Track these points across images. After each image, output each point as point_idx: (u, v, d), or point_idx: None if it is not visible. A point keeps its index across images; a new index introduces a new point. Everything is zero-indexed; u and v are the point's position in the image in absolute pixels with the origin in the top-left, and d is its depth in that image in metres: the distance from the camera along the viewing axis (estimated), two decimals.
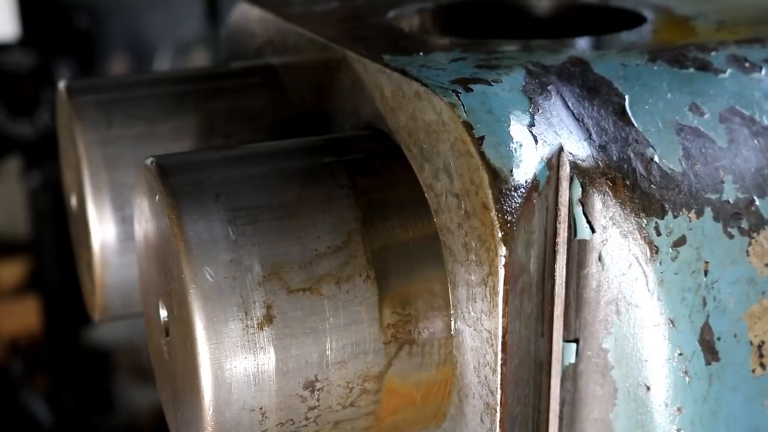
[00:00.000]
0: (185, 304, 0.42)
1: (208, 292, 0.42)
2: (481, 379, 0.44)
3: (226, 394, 0.42)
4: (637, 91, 0.48)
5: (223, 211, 0.43)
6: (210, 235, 0.43)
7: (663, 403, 0.45)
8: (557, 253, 0.45)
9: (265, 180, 0.46)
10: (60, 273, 2.36)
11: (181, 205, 0.43)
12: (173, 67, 2.34)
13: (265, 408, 0.43)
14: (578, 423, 0.47)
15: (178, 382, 0.46)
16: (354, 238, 0.44)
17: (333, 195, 0.45)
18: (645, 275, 0.44)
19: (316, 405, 0.44)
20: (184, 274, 0.42)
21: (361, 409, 0.45)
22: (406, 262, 0.45)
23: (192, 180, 0.45)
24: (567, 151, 0.45)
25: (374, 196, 0.46)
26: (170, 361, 0.47)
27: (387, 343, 0.44)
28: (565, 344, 0.46)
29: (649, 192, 0.45)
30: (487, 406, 0.44)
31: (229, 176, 0.46)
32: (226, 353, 0.42)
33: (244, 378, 0.42)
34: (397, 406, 0.46)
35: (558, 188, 0.45)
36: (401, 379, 0.45)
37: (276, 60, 0.65)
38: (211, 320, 0.42)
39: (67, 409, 2.48)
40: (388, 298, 0.44)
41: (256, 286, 0.42)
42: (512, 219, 0.42)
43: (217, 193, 0.44)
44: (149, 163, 0.46)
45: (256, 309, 0.42)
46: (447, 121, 0.44)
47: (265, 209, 0.44)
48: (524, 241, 0.43)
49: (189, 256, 0.42)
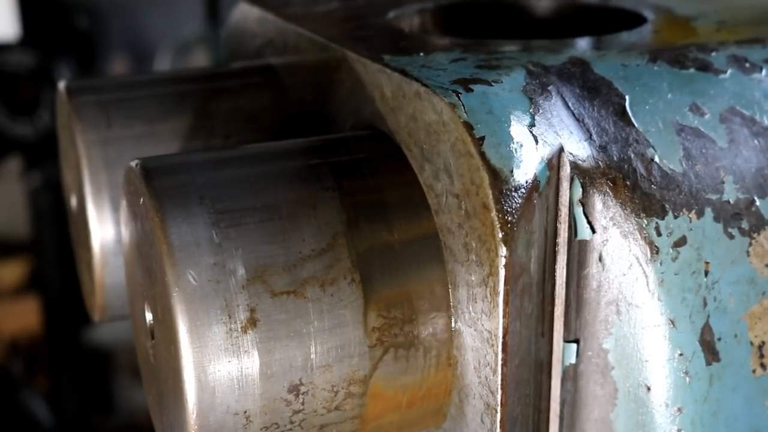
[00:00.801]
0: (168, 307, 0.42)
1: (191, 295, 0.41)
2: (482, 379, 0.44)
3: (209, 397, 0.42)
4: (637, 91, 0.48)
5: (207, 214, 0.43)
6: (193, 237, 0.42)
7: (663, 403, 0.45)
8: (558, 253, 0.45)
9: (249, 182, 0.45)
10: (60, 273, 2.36)
11: (164, 208, 0.43)
12: (173, 67, 2.34)
13: (250, 412, 0.43)
14: (578, 423, 0.47)
15: (162, 385, 0.46)
16: (339, 240, 0.44)
17: (318, 197, 0.45)
18: (645, 275, 0.44)
19: (300, 409, 0.44)
20: (167, 277, 0.42)
21: (346, 412, 0.45)
22: (392, 265, 0.45)
23: (176, 182, 0.45)
24: (567, 152, 0.45)
25: (361, 198, 0.46)
26: (155, 364, 0.47)
27: (372, 347, 0.44)
28: (565, 344, 0.46)
29: (649, 192, 0.45)
30: (488, 406, 0.44)
31: (213, 178, 0.45)
32: (209, 357, 0.42)
33: (227, 382, 0.42)
34: (383, 410, 0.46)
35: (558, 188, 0.45)
36: (387, 383, 0.45)
37: (276, 60, 0.65)
38: (195, 323, 0.41)
39: (67, 409, 2.48)
40: (374, 301, 0.44)
41: (239, 289, 0.42)
42: (512, 219, 0.42)
43: (201, 196, 0.44)
44: (134, 165, 0.46)
45: (240, 312, 0.42)
46: (447, 121, 0.44)
47: (250, 212, 0.44)
48: (524, 241, 0.43)
49: (172, 259, 0.42)
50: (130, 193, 0.47)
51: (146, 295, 0.47)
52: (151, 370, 0.49)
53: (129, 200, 0.47)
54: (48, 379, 2.57)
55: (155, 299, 0.45)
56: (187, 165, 0.47)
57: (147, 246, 0.45)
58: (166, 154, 0.52)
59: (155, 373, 0.47)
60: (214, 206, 0.44)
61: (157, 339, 0.46)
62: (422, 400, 0.46)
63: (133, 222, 0.47)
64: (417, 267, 0.45)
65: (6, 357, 2.66)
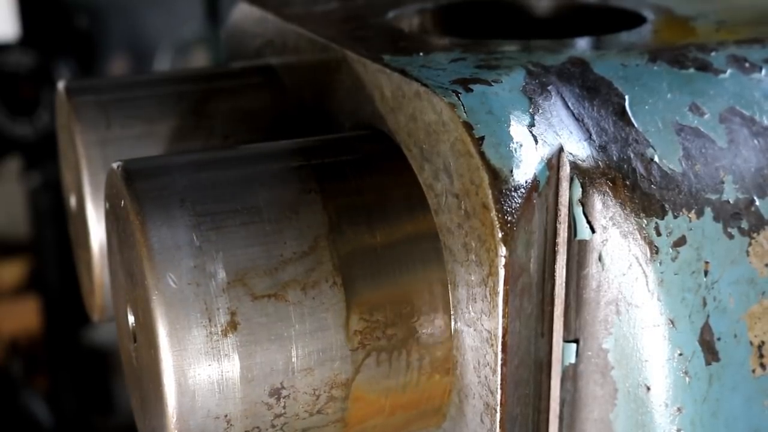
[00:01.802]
0: (148, 310, 0.42)
1: (170, 298, 0.41)
2: (481, 379, 0.44)
3: (189, 401, 0.42)
4: (637, 91, 0.48)
5: (188, 217, 0.43)
6: (174, 240, 0.42)
7: (663, 403, 0.45)
8: (557, 253, 0.45)
9: (231, 185, 0.45)
10: (60, 273, 2.36)
11: (145, 211, 0.43)
12: (173, 67, 2.34)
13: (231, 416, 0.42)
14: (578, 423, 0.47)
15: (145, 388, 0.46)
16: (321, 243, 0.44)
17: (300, 200, 0.45)
18: (645, 275, 0.44)
19: (282, 412, 0.43)
20: (147, 280, 0.41)
21: (328, 416, 0.45)
22: (374, 268, 0.44)
23: (157, 185, 0.44)
24: (567, 152, 0.45)
25: (343, 200, 0.45)
26: (138, 368, 0.47)
27: (354, 350, 0.44)
28: (565, 344, 0.46)
29: (649, 192, 0.45)
30: (487, 406, 0.44)
31: (195, 181, 0.45)
32: (189, 360, 0.41)
33: (208, 385, 0.42)
34: (366, 414, 0.46)
35: (558, 188, 0.45)
36: (369, 386, 0.45)
37: (276, 60, 0.65)
38: (174, 327, 0.41)
39: (67, 409, 2.48)
40: (356, 305, 0.44)
41: (220, 293, 0.42)
42: (512, 219, 0.42)
43: (182, 198, 0.43)
44: (116, 167, 0.46)
45: (220, 315, 0.42)
46: (447, 121, 0.44)
47: (231, 214, 0.44)
48: (524, 241, 0.43)
49: (152, 262, 0.42)
50: (112, 196, 0.47)
51: (128, 298, 0.47)
52: (134, 373, 0.48)
53: (111, 203, 0.47)
54: (48, 379, 2.57)
55: (137, 302, 0.44)
56: (169, 167, 0.47)
57: (128, 249, 0.44)
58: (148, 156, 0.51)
59: (138, 376, 0.47)
60: (195, 209, 0.43)
61: (139, 342, 0.46)
62: (407, 404, 0.46)
63: (116, 224, 0.47)
64: (400, 270, 0.45)
65: (6, 357, 2.66)
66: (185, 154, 0.52)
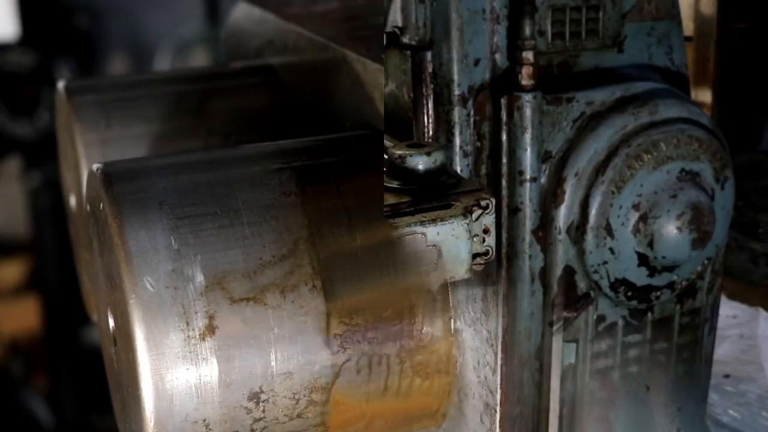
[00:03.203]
0: (126, 313, 0.41)
1: (148, 302, 0.41)
2: (481, 379, 0.44)
3: (167, 405, 0.41)
4: None
5: (166, 220, 0.43)
6: (152, 244, 0.42)
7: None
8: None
9: (210, 188, 0.45)
10: (60, 273, 2.36)
11: (123, 214, 0.43)
12: (173, 67, 2.34)
13: (209, 420, 0.42)
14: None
15: (125, 392, 0.45)
16: (300, 246, 0.43)
17: (279, 203, 0.44)
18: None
19: (261, 417, 0.43)
20: (125, 284, 0.41)
21: (308, 420, 0.44)
22: (355, 271, 0.44)
23: (136, 188, 0.44)
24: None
25: (323, 203, 0.45)
26: (118, 371, 0.47)
27: (334, 354, 0.44)
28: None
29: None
30: (487, 405, 0.44)
31: (174, 184, 0.45)
32: (167, 364, 0.41)
33: (186, 390, 0.42)
34: (347, 418, 0.45)
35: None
36: (350, 390, 0.44)
37: (276, 60, 0.65)
38: (152, 331, 0.41)
39: (67, 409, 2.47)
40: (336, 308, 0.43)
41: (197, 296, 0.42)
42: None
43: (161, 201, 0.43)
44: (95, 169, 0.45)
45: (198, 319, 0.42)
46: None
47: (210, 218, 0.43)
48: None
49: (129, 266, 0.41)
50: (92, 198, 0.46)
51: (108, 301, 0.46)
52: (115, 377, 0.48)
53: (91, 205, 0.47)
54: (48, 379, 2.57)
55: (115, 305, 0.44)
56: (148, 170, 0.46)
57: (107, 251, 0.44)
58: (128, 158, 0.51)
59: (119, 380, 0.47)
60: (173, 212, 0.43)
61: (119, 345, 0.45)
62: (390, 408, 0.46)
63: (95, 227, 0.46)
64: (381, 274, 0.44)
65: (6, 357, 2.66)
66: (165, 157, 0.51)
